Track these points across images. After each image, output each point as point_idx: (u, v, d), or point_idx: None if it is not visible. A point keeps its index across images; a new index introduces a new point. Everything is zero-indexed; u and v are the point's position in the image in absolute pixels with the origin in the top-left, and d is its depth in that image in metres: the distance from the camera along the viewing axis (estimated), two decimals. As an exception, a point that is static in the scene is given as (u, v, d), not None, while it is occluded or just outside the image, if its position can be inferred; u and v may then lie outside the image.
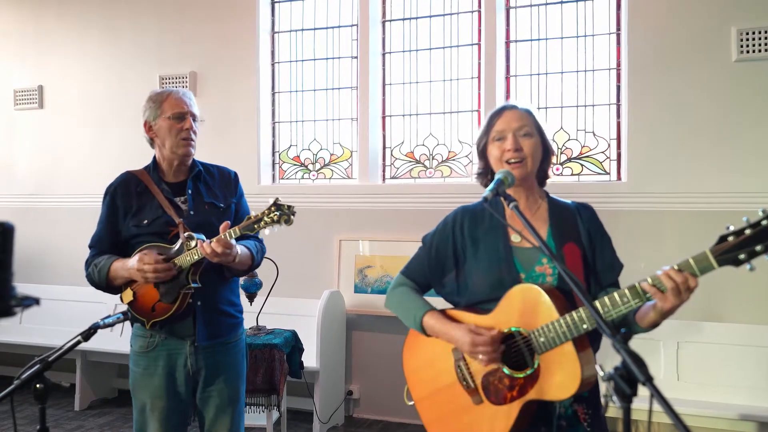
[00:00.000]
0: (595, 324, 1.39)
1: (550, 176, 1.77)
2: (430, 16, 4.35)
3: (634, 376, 1.06)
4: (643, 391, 1.06)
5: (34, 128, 5.22)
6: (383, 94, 4.44)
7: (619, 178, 3.89)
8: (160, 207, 2.14)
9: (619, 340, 1.12)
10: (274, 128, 4.70)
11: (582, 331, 1.44)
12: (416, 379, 1.74)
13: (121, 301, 2.17)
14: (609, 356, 1.54)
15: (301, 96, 4.65)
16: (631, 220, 3.68)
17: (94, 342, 1.94)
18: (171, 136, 2.15)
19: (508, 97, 4.12)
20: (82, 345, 1.83)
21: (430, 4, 4.36)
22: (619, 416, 1.09)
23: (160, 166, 2.22)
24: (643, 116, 3.74)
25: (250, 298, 3.63)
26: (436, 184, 4.28)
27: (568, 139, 4.04)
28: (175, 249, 2.06)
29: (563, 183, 3.97)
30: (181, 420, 2.17)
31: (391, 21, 4.45)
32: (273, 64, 4.69)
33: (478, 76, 4.19)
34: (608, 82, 3.96)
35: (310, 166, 4.63)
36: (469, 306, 1.68)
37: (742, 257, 1.28)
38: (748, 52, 3.51)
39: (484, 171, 1.76)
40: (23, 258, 4.80)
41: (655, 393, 1.02)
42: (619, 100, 3.91)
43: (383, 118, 4.45)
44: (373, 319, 4.19)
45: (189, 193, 2.19)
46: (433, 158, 4.35)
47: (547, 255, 1.37)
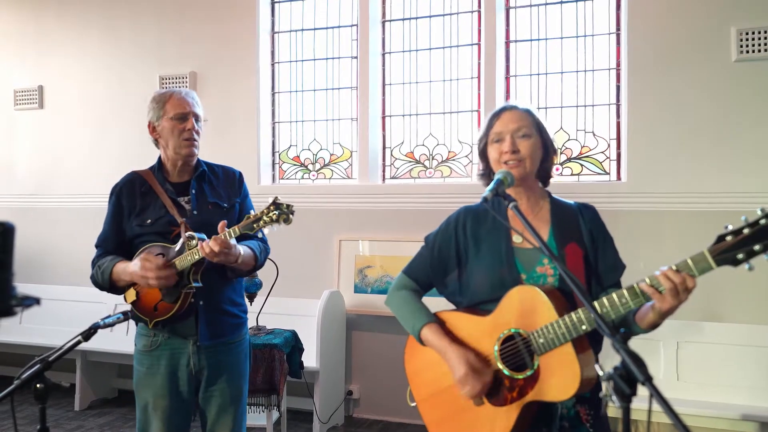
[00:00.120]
0: (595, 325, 1.40)
1: (552, 176, 1.77)
2: (430, 16, 4.35)
3: (634, 375, 1.06)
4: (642, 391, 1.06)
5: (34, 128, 5.22)
6: (383, 94, 4.45)
7: (619, 178, 3.89)
8: (163, 207, 2.14)
9: (619, 340, 1.12)
10: (274, 128, 4.70)
11: (581, 332, 1.44)
12: (418, 380, 1.75)
13: (125, 300, 2.17)
14: (609, 356, 1.54)
15: (301, 96, 4.65)
16: (631, 220, 3.68)
17: (94, 342, 1.94)
18: (174, 137, 2.15)
19: (507, 97, 4.12)
20: (82, 345, 1.83)
21: (430, 4, 4.36)
22: (618, 416, 1.10)
23: (165, 167, 2.23)
24: (643, 116, 3.74)
25: (250, 298, 3.63)
26: (436, 184, 4.28)
27: (568, 139, 4.04)
28: (176, 249, 2.06)
29: (563, 183, 3.97)
30: (184, 419, 2.18)
31: (391, 21, 4.45)
32: (273, 64, 4.69)
33: (478, 76, 4.19)
34: (608, 82, 3.96)
35: (310, 166, 4.63)
36: (470, 306, 1.68)
37: (740, 257, 1.26)
38: (747, 52, 3.51)
39: (486, 172, 1.76)
40: (23, 258, 4.80)
41: (655, 393, 1.02)
42: (618, 100, 3.91)
43: (383, 118, 4.45)
44: (373, 319, 4.19)
45: (192, 192, 2.19)
46: (433, 158, 4.35)
47: (547, 256, 1.37)
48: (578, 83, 4.02)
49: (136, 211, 2.16)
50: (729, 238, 1.28)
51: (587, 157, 4.01)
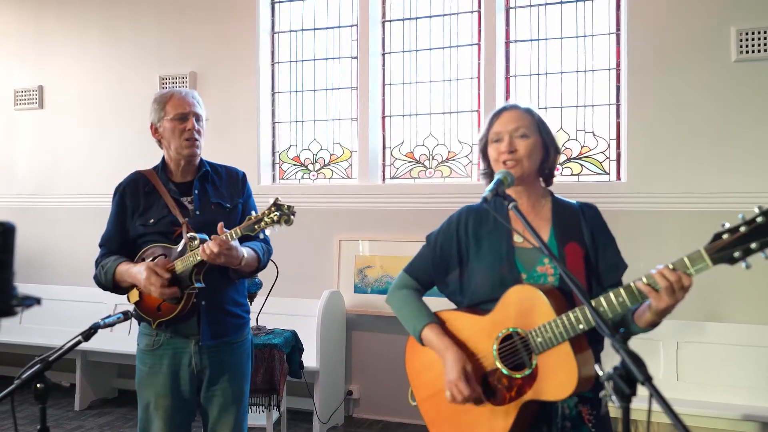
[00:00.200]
0: (592, 323, 1.40)
1: (555, 175, 1.76)
2: (430, 17, 4.36)
3: (634, 375, 1.06)
4: (642, 391, 1.06)
5: (34, 128, 5.22)
6: (383, 95, 4.45)
7: (619, 179, 3.89)
8: (166, 207, 2.15)
9: (619, 340, 1.12)
10: (274, 128, 4.70)
11: (579, 331, 1.43)
12: (419, 380, 1.75)
13: (128, 300, 2.18)
14: (609, 356, 1.54)
15: (301, 96, 4.65)
16: (631, 221, 3.68)
17: (94, 342, 1.94)
18: (175, 137, 2.15)
19: (507, 98, 4.12)
20: (82, 345, 1.84)
21: (430, 4, 4.36)
22: (618, 416, 1.10)
23: (168, 167, 2.24)
24: (643, 116, 3.74)
25: (250, 298, 3.63)
26: (435, 184, 4.28)
27: (568, 139, 4.04)
28: (178, 250, 2.07)
29: (563, 183, 3.97)
30: (185, 418, 2.18)
31: (390, 21, 4.45)
32: (273, 64, 4.69)
33: (478, 77, 4.19)
34: (608, 83, 3.96)
35: (310, 167, 4.63)
36: (470, 306, 1.68)
37: (737, 255, 1.25)
38: (747, 52, 3.52)
39: (488, 171, 1.76)
40: (23, 258, 4.79)
41: (654, 393, 1.02)
42: (618, 100, 3.91)
43: (383, 118, 4.45)
44: (373, 319, 4.19)
45: (195, 193, 2.19)
46: (433, 158, 4.35)
47: (548, 256, 1.37)
48: (578, 83, 4.02)
49: (140, 211, 2.17)
50: (726, 236, 1.27)
51: (587, 157, 4.01)
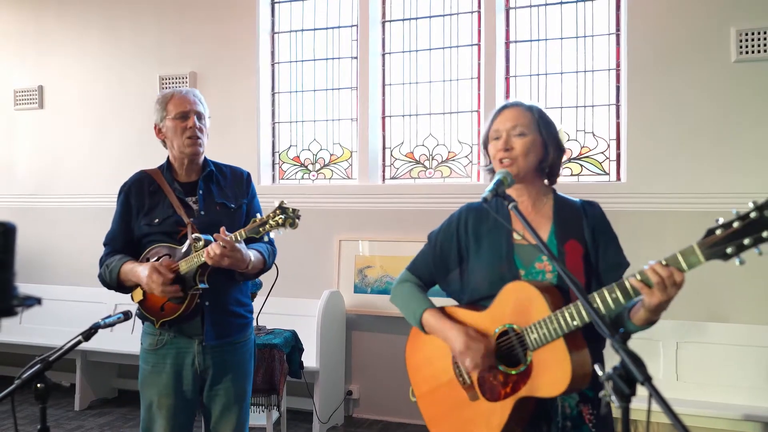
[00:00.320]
0: (586, 320, 1.40)
1: (560, 174, 1.75)
2: (430, 17, 4.36)
3: (633, 375, 1.06)
4: (642, 391, 1.06)
5: (34, 128, 5.22)
6: (383, 95, 4.45)
7: (619, 179, 3.90)
8: (171, 206, 2.15)
9: (618, 339, 1.12)
10: (274, 128, 4.70)
11: (572, 328, 1.43)
12: (418, 376, 1.77)
13: (132, 300, 2.19)
14: (609, 356, 1.54)
15: (301, 96, 4.65)
16: (631, 221, 3.68)
17: (94, 342, 1.94)
18: (177, 136, 2.16)
19: (507, 98, 4.11)
20: (82, 345, 1.84)
21: (430, 4, 4.36)
22: (618, 416, 1.10)
23: (173, 166, 2.24)
24: (643, 116, 3.74)
25: (251, 297, 3.64)
26: (435, 185, 4.29)
27: (568, 140, 4.04)
28: (183, 250, 2.07)
29: (563, 183, 3.90)
30: (188, 418, 2.19)
31: (390, 21, 4.45)
32: (273, 65, 4.69)
33: (478, 77, 4.20)
34: (608, 83, 3.96)
35: (310, 167, 4.63)
36: (470, 303, 1.69)
37: (729, 251, 1.22)
38: (747, 52, 3.52)
39: (490, 167, 1.76)
40: (23, 258, 4.79)
41: (654, 393, 1.02)
42: (618, 100, 3.91)
43: (383, 119, 4.45)
44: (373, 319, 4.19)
45: (200, 193, 2.20)
46: (433, 158, 4.35)
47: (546, 255, 1.37)
48: (578, 84, 4.02)
49: (145, 211, 2.17)
50: (719, 232, 1.25)
51: (587, 157, 4.01)
